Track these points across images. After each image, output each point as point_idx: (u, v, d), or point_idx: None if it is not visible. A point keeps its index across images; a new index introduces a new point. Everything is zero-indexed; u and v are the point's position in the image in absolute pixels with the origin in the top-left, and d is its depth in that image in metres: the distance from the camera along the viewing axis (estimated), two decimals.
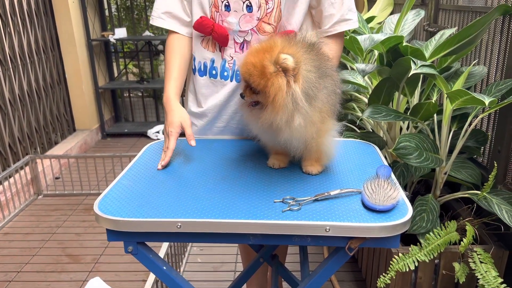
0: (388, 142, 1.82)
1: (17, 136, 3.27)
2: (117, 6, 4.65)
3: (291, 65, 1.00)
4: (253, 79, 1.03)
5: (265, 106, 1.05)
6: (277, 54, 1.01)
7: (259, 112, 1.08)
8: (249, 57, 1.05)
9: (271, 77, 1.01)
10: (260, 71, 1.01)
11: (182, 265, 2.35)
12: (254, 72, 1.02)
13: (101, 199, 1.04)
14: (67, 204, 3.13)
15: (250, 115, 1.13)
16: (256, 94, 1.06)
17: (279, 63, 1.00)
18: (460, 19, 2.03)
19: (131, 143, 4.37)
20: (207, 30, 1.36)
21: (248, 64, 1.04)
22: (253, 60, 1.03)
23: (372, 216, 0.95)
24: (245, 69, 1.04)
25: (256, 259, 1.56)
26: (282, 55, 1.00)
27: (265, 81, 1.01)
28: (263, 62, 1.01)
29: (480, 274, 1.44)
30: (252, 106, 1.10)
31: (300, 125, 1.04)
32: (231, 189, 1.08)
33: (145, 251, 1.03)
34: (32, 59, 3.56)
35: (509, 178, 1.66)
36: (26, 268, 2.39)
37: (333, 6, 1.35)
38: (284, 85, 1.01)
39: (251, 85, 1.05)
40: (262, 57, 1.02)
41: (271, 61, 1.01)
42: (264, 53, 1.02)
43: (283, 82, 1.01)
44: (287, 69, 1.00)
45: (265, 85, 1.01)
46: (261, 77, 1.01)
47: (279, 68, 1.00)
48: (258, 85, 1.03)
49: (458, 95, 1.42)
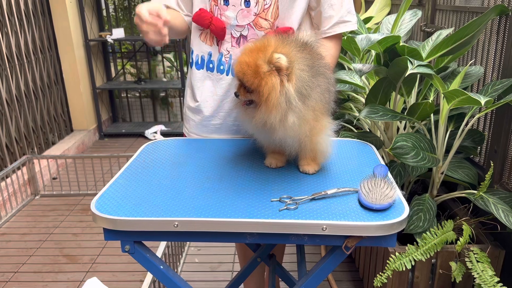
0: (385, 141, 1.83)
1: (14, 136, 3.26)
2: (115, 6, 4.64)
3: (285, 64, 1.00)
4: (247, 78, 1.04)
5: (259, 105, 1.05)
6: (270, 53, 1.01)
7: (253, 111, 1.08)
8: (243, 56, 1.05)
9: (265, 76, 1.01)
10: (253, 70, 1.02)
11: (179, 265, 2.35)
12: (248, 71, 1.03)
13: (98, 198, 1.04)
14: (64, 204, 3.12)
15: (245, 114, 1.13)
16: (250, 93, 1.07)
17: (273, 63, 1.01)
18: (457, 19, 2.04)
19: (128, 143, 4.37)
20: (205, 22, 1.38)
21: (242, 63, 1.04)
22: (247, 59, 1.04)
23: (368, 215, 0.96)
24: (239, 68, 1.05)
25: (253, 258, 1.56)
26: (276, 54, 1.01)
27: (259, 80, 1.02)
28: (256, 62, 1.02)
29: (476, 273, 1.45)
30: (247, 105, 1.10)
31: (294, 123, 1.05)
32: (228, 188, 1.09)
33: (142, 250, 1.03)
34: (29, 59, 3.55)
35: (505, 177, 1.67)
36: (23, 269, 2.38)
37: (332, 8, 1.36)
38: (277, 84, 1.01)
39: (245, 84, 1.06)
40: (255, 56, 1.03)
41: (264, 61, 1.02)
42: (257, 53, 1.03)
43: (277, 81, 1.01)
44: (280, 68, 1.01)
45: (258, 84, 1.02)
46: (255, 76, 1.02)
47: (272, 68, 1.01)
48: (252, 84, 1.03)
49: (455, 95, 1.42)
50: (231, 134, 1.48)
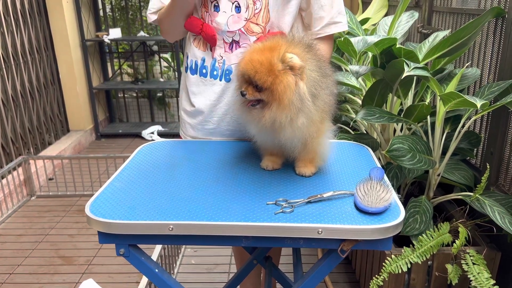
0: (382, 143, 1.83)
1: (10, 136, 3.25)
2: (112, 6, 4.63)
3: (298, 64, 1.00)
4: (259, 76, 1.02)
5: (270, 104, 1.04)
6: (283, 52, 1.01)
7: (259, 111, 1.07)
8: (254, 54, 1.04)
9: (280, 74, 1.01)
10: (267, 68, 1.01)
11: (176, 266, 2.34)
12: (261, 69, 1.01)
13: (93, 201, 1.04)
14: (60, 205, 3.11)
15: (250, 115, 1.11)
16: (259, 92, 1.05)
17: (286, 62, 1.00)
18: (454, 21, 2.04)
19: (125, 143, 4.36)
20: (196, 29, 1.38)
21: (254, 61, 1.02)
22: (259, 57, 1.02)
23: (364, 218, 0.95)
24: (250, 66, 1.03)
25: (249, 261, 1.56)
26: (288, 54, 1.00)
27: (273, 78, 1.01)
28: (271, 60, 1.01)
29: (472, 275, 1.45)
30: (252, 105, 1.09)
31: (303, 124, 1.04)
32: (223, 191, 1.08)
33: (136, 254, 1.02)
34: (25, 59, 3.54)
35: (501, 179, 1.67)
36: (19, 270, 2.37)
37: (323, 9, 1.36)
38: (293, 83, 1.01)
39: (256, 83, 1.03)
40: (269, 54, 1.02)
41: (278, 59, 1.01)
42: (270, 51, 1.02)
43: (292, 80, 1.01)
44: (293, 68, 1.01)
45: (272, 82, 1.01)
46: (269, 74, 1.01)
47: (286, 66, 1.01)
48: (265, 83, 1.02)
49: (451, 97, 1.42)
50: (225, 138, 1.48)
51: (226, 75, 1.39)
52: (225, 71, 1.39)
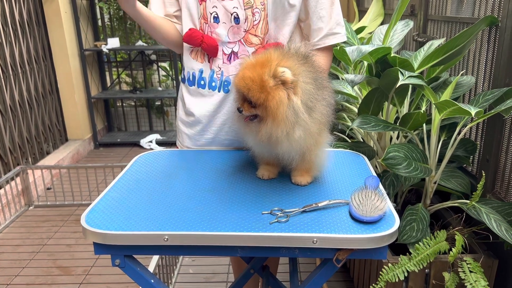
0: (378, 151, 1.83)
1: (8, 146, 3.25)
2: (110, 16, 4.65)
3: (290, 78, 1.00)
4: (252, 93, 1.02)
5: (265, 119, 1.04)
6: (275, 67, 1.01)
7: (257, 125, 1.07)
8: (245, 71, 1.04)
9: (271, 90, 1.00)
10: (259, 85, 1.01)
11: (173, 276, 2.33)
12: (253, 86, 1.01)
13: (89, 212, 1.04)
14: (58, 215, 3.10)
15: (247, 129, 1.12)
16: (254, 108, 1.05)
17: (278, 76, 1.00)
18: (448, 30, 2.06)
19: (123, 152, 4.36)
20: (197, 41, 1.37)
21: (246, 79, 1.02)
22: (251, 74, 1.02)
23: (359, 227, 0.96)
24: (243, 84, 1.03)
25: (247, 270, 1.55)
26: (280, 68, 1.00)
27: (266, 95, 1.01)
28: (262, 76, 1.01)
29: (469, 283, 1.45)
30: (250, 120, 1.09)
31: (300, 137, 1.04)
32: (219, 201, 1.08)
33: (132, 264, 1.02)
34: (24, 69, 3.55)
35: (497, 187, 1.68)
36: (16, 281, 2.36)
37: (322, 20, 1.36)
38: (285, 98, 1.01)
39: (250, 99, 1.04)
40: (260, 71, 1.01)
41: (269, 75, 1.01)
42: (261, 67, 1.02)
43: (284, 95, 1.01)
44: (285, 82, 1.00)
45: (265, 99, 1.01)
46: (261, 91, 1.01)
47: (278, 82, 1.00)
48: (258, 99, 1.02)
49: (446, 105, 1.43)
50: (223, 148, 1.48)
51: (224, 86, 1.39)
52: (223, 82, 1.39)
